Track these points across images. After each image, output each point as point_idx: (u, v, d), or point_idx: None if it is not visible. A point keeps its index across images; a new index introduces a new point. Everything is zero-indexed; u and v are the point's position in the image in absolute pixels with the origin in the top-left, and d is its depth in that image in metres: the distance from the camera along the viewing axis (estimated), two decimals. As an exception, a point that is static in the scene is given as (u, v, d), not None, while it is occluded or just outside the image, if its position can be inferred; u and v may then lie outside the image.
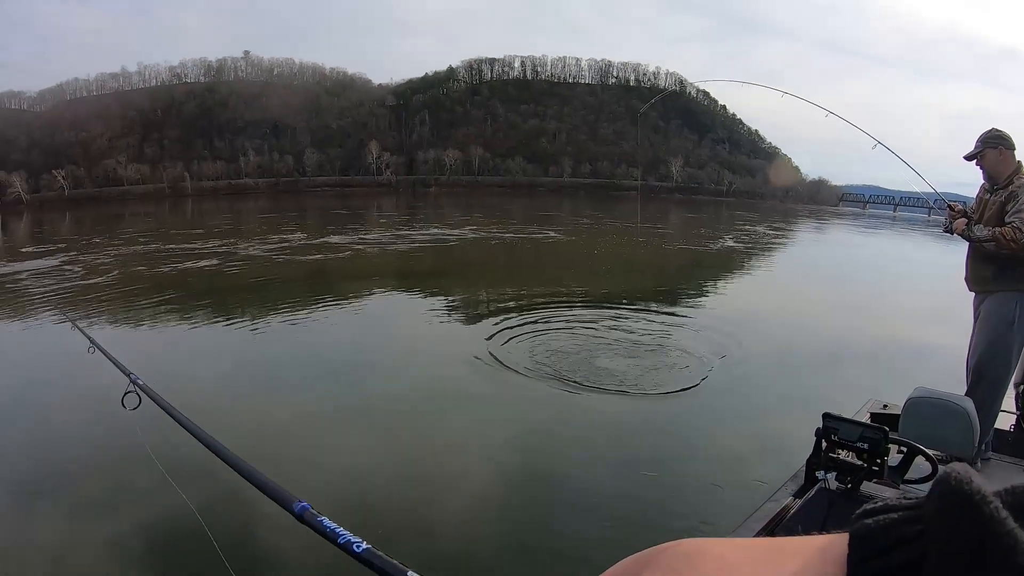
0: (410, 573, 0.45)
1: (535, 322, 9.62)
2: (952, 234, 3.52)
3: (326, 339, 9.15)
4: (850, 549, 0.24)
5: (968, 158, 3.35)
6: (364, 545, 0.53)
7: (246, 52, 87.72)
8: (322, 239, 22.97)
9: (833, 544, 0.24)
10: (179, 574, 3.67)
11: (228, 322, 10.45)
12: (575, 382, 6.88)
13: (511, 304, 11.67)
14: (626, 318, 10.13)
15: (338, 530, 0.57)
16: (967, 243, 3.44)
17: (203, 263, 17.00)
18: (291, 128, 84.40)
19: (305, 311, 11.02)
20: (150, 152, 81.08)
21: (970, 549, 0.20)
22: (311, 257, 18.39)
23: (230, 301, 12.55)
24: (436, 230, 28.04)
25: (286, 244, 21.30)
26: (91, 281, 14.15)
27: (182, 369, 7.40)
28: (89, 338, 2.77)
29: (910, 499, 0.24)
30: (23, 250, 22.91)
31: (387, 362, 8.18)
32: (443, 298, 12.85)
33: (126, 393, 1.80)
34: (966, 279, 3.52)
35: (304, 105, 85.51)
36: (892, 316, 10.96)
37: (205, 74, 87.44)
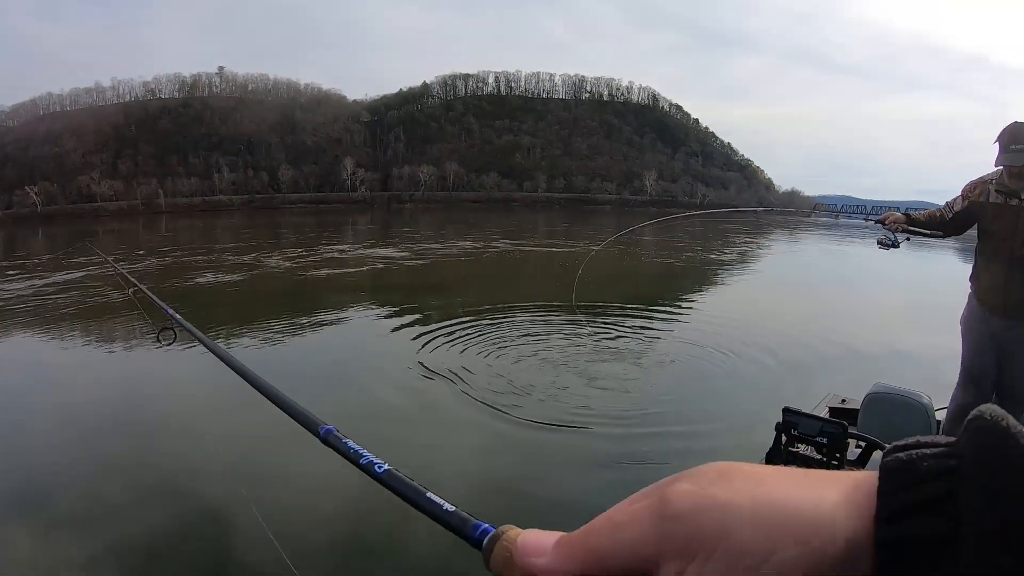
0: (429, 494, 0.43)
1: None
2: (894, 245, 3.22)
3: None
4: (881, 480, 0.23)
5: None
6: (385, 466, 0.51)
7: (220, 68, 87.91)
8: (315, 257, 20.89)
9: (866, 477, 0.24)
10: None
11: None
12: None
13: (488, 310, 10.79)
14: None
15: (361, 451, 0.56)
16: (1000, 265, 2.80)
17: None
18: (266, 144, 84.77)
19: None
20: (124, 168, 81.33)
21: (1007, 482, 0.20)
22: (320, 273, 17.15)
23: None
24: (436, 246, 25.84)
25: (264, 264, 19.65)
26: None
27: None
28: (134, 282, 2.90)
29: (941, 438, 0.24)
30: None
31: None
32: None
33: (162, 329, 1.87)
34: (998, 304, 2.83)
35: (279, 121, 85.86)
36: (856, 319, 10.90)
37: (179, 90, 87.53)
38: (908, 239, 3.21)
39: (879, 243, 3.26)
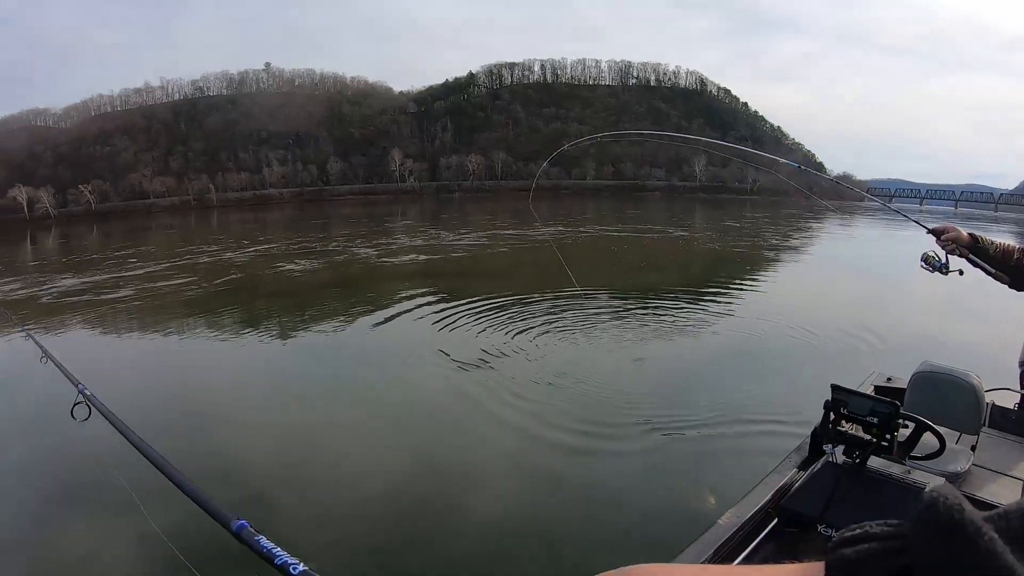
0: None
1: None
2: (942, 269, 2.76)
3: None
4: None
5: None
6: (300, 567, 0.52)
7: (267, 64, 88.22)
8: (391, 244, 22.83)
9: (805, 572, 0.22)
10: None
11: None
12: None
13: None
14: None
15: (275, 551, 0.56)
16: None
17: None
18: (314, 138, 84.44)
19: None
20: (175, 165, 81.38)
21: None
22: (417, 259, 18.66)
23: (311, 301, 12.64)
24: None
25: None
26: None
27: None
28: (42, 348, 2.76)
29: (890, 525, 0.22)
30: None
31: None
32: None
33: (75, 404, 1.75)
34: None
35: (326, 114, 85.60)
36: (904, 303, 11.10)
37: (227, 87, 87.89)
38: (961, 272, 2.76)
39: (923, 261, 2.86)
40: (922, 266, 2.84)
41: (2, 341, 9.54)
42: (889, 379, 3.38)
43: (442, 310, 10.56)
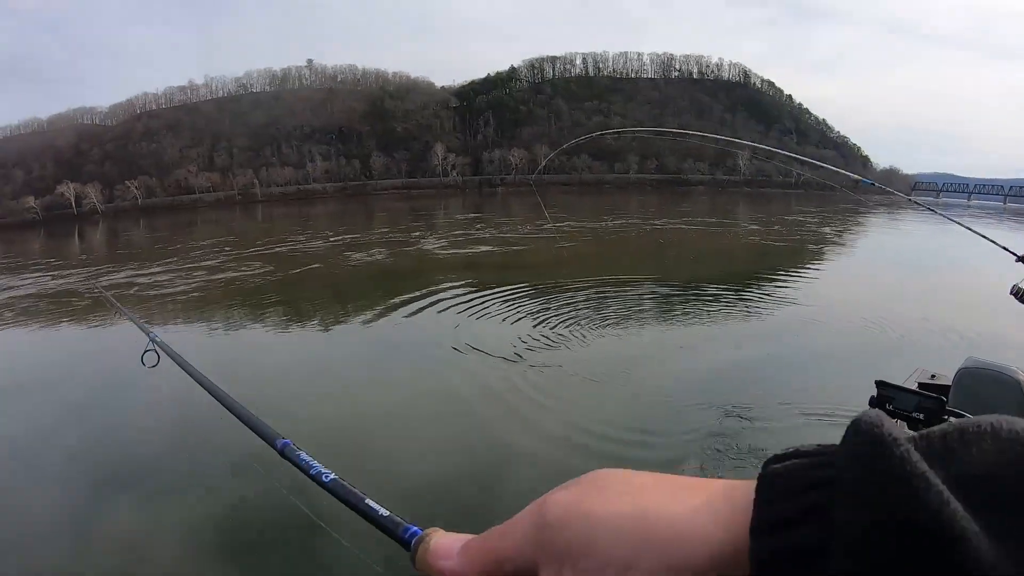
0: (367, 500, 0.49)
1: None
2: None
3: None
4: (757, 491, 0.23)
5: None
6: (331, 476, 0.59)
7: (309, 60, 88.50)
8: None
9: (745, 487, 0.24)
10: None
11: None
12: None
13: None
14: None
15: (311, 462, 0.64)
16: None
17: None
18: (357, 132, 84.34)
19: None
20: (219, 160, 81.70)
21: (879, 491, 0.19)
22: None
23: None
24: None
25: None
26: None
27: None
28: (115, 303, 3.12)
29: (820, 446, 0.23)
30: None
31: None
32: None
33: (145, 352, 1.90)
34: None
35: (368, 110, 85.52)
36: (950, 299, 11.05)
37: (270, 83, 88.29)
38: None
39: (1016, 294, 3.01)
40: (1012, 296, 2.97)
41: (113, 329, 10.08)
42: (933, 376, 3.35)
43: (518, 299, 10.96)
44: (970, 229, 4.12)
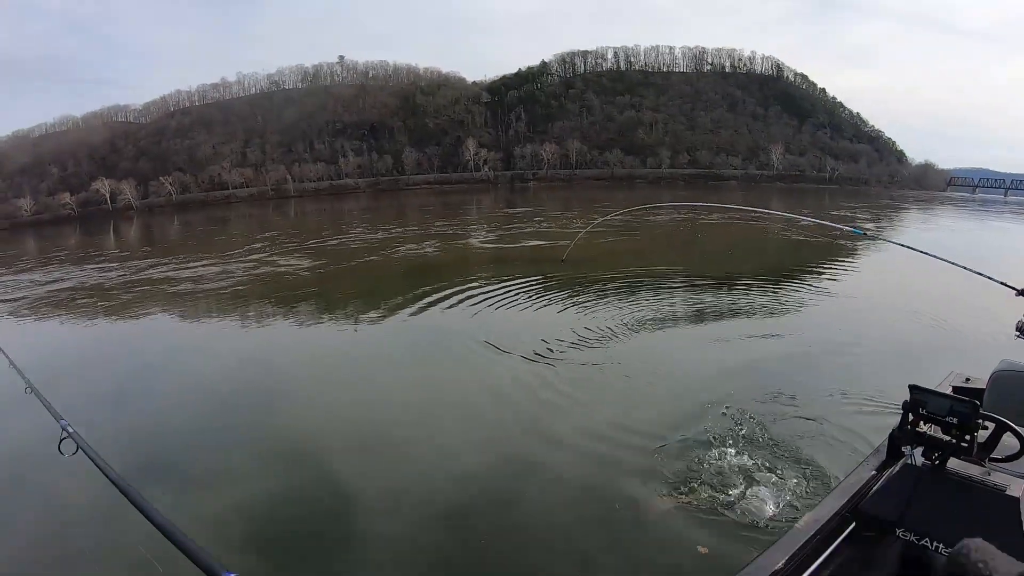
0: None
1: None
2: None
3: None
4: None
5: None
6: None
7: (341, 57, 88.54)
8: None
9: None
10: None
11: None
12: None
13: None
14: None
15: None
16: None
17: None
18: (388, 128, 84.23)
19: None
20: (252, 156, 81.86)
21: None
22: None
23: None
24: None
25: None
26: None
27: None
28: (27, 381, 2.83)
29: None
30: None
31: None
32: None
33: (62, 440, 1.79)
34: None
35: (400, 105, 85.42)
36: (987, 299, 11.19)
37: (302, 80, 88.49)
38: None
39: (1018, 331, 3.10)
40: (1016, 335, 3.09)
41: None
42: (968, 379, 3.30)
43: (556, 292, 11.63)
44: (966, 268, 4.07)
